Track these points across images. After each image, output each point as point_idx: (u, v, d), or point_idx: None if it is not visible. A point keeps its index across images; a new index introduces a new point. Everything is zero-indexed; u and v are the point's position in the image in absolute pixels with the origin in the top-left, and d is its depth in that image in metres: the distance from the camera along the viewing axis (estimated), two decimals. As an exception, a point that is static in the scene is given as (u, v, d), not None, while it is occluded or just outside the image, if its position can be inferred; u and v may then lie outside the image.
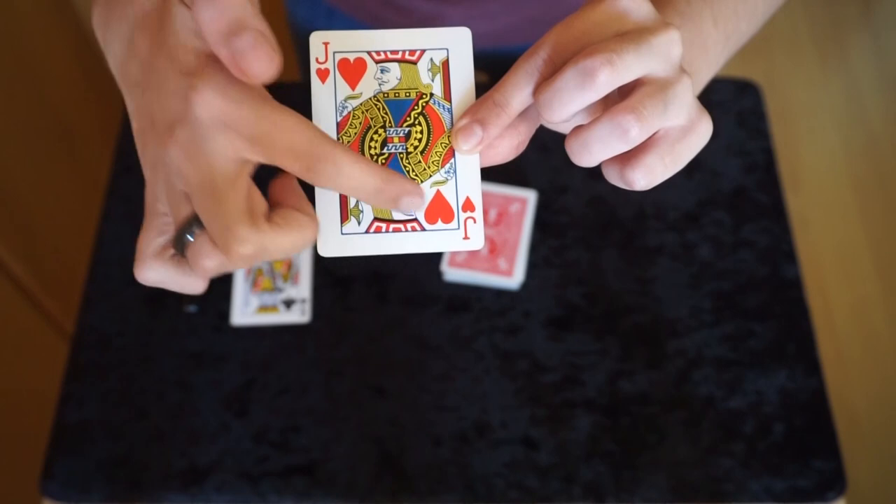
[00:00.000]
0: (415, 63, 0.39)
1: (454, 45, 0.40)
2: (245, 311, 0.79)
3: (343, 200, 0.38)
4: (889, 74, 1.97)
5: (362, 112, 0.39)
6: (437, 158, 0.39)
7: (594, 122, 0.36)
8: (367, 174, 0.34)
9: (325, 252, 0.38)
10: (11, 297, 1.17)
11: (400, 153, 0.39)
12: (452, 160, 0.39)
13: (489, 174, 0.83)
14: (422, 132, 0.39)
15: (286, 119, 0.33)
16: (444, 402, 0.75)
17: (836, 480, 0.71)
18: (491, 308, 0.79)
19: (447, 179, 0.39)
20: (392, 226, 0.38)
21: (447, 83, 0.39)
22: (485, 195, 0.81)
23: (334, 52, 0.39)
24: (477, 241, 0.39)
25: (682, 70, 0.38)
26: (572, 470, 0.72)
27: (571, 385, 0.75)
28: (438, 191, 0.39)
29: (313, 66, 0.39)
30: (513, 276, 0.77)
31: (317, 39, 0.39)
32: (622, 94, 0.37)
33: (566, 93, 0.36)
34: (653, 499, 0.70)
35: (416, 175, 0.39)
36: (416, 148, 0.39)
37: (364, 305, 0.79)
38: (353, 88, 0.39)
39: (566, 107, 0.36)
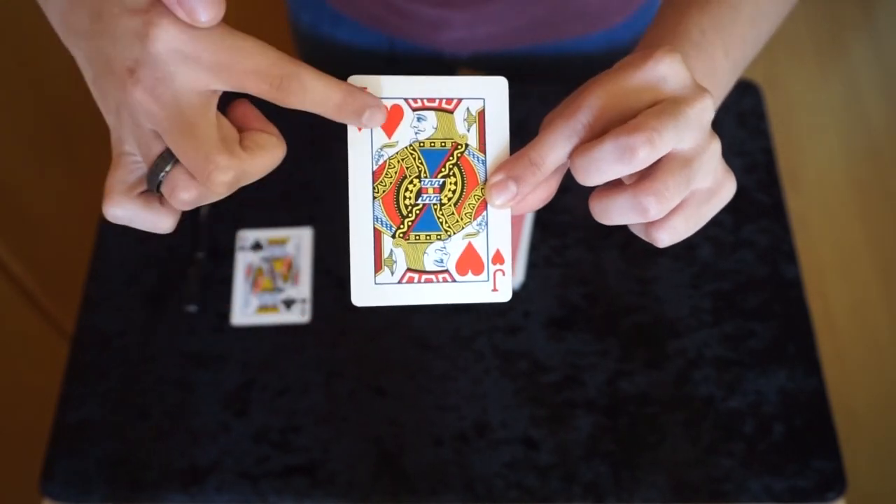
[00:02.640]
0: (451, 112, 0.39)
1: (491, 94, 0.40)
2: (245, 311, 0.79)
3: (377, 252, 0.39)
4: (889, 74, 1.97)
5: (398, 161, 0.39)
6: (470, 210, 0.39)
7: (618, 194, 0.38)
8: (330, 89, 0.36)
9: (358, 302, 0.39)
10: (11, 297, 1.17)
11: (434, 204, 0.39)
12: (484, 213, 0.39)
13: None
14: (456, 183, 0.39)
15: (247, 44, 0.35)
16: (444, 402, 0.75)
17: (835, 480, 0.71)
18: (491, 308, 0.79)
19: (479, 232, 0.39)
20: (424, 276, 0.39)
21: (482, 134, 0.40)
22: None
23: None
24: (505, 294, 0.39)
25: (712, 134, 0.39)
26: (572, 470, 0.72)
27: (571, 385, 0.75)
28: (470, 243, 0.39)
29: None
30: (513, 276, 0.77)
31: (355, 84, 0.39)
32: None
33: (604, 164, 0.37)
34: (653, 499, 0.70)
35: (449, 227, 0.39)
36: (449, 199, 0.39)
37: (364, 305, 0.79)
38: (389, 136, 0.39)
39: (602, 176, 0.37)
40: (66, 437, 0.74)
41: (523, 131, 0.91)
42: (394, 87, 0.39)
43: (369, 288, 0.39)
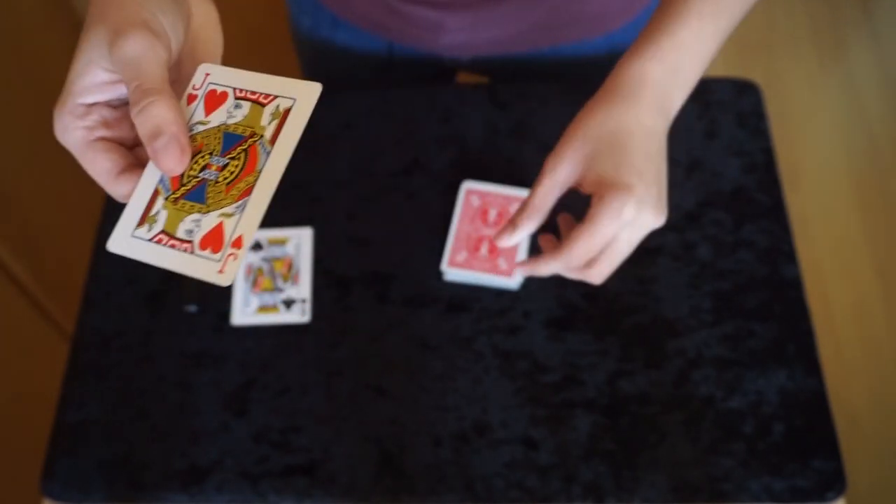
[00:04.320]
0: (264, 105, 0.42)
1: (302, 97, 0.42)
2: (245, 311, 0.79)
3: (148, 208, 0.42)
4: (889, 74, 1.97)
5: (202, 137, 0.42)
6: (236, 193, 0.41)
7: (542, 265, 0.59)
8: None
9: (111, 248, 0.42)
10: (11, 297, 1.18)
11: (210, 180, 0.41)
12: (246, 199, 0.40)
13: (489, 174, 0.83)
14: (237, 167, 0.41)
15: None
16: (444, 402, 0.75)
17: (835, 480, 0.71)
18: (491, 308, 0.79)
19: (233, 214, 0.40)
20: (171, 241, 0.41)
21: (279, 130, 0.41)
22: (486, 195, 0.81)
23: (209, 83, 0.43)
24: (227, 278, 0.40)
25: (646, 215, 0.56)
26: (572, 470, 0.72)
27: (571, 385, 0.75)
28: (221, 222, 0.40)
29: (188, 90, 0.43)
30: (512, 277, 0.77)
31: (201, 70, 0.44)
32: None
33: (546, 271, 0.59)
34: (653, 499, 0.70)
35: (213, 203, 0.41)
36: (224, 179, 0.41)
37: (364, 305, 0.79)
38: (206, 115, 0.43)
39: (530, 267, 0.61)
40: (66, 437, 0.74)
41: (523, 130, 0.91)
42: (231, 78, 0.43)
43: (126, 238, 0.42)
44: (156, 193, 0.42)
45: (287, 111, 0.41)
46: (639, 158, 0.55)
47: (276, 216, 0.83)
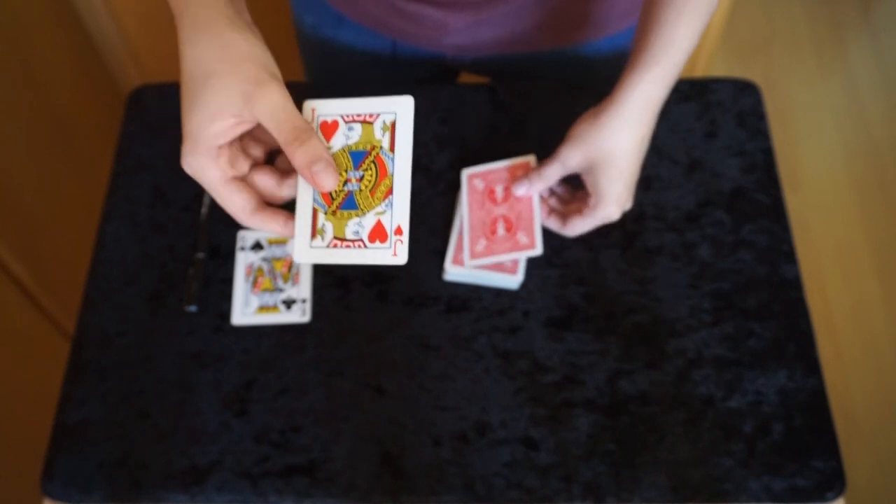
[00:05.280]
0: (372, 123, 0.52)
1: (401, 110, 0.52)
2: (245, 311, 0.79)
3: (314, 224, 0.52)
4: (889, 74, 1.97)
5: (334, 160, 0.52)
6: (380, 195, 0.51)
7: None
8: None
9: (298, 259, 0.52)
10: (11, 297, 1.18)
11: (355, 190, 0.52)
12: (390, 197, 0.51)
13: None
14: (372, 175, 0.51)
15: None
16: (444, 402, 0.75)
17: (835, 480, 0.71)
18: (491, 308, 0.79)
19: (385, 211, 0.51)
20: (344, 243, 0.51)
21: (392, 139, 0.51)
22: (487, 174, 0.80)
23: (318, 116, 0.53)
24: (402, 258, 0.50)
25: (614, 205, 0.72)
26: (572, 470, 0.72)
27: (571, 385, 0.75)
28: (379, 219, 0.51)
29: None
30: (535, 248, 0.75)
31: (308, 106, 0.53)
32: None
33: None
34: (652, 499, 0.70)
35: (365, 207, 0.51)
36: (366, 187, 0.51)
37: (364, 305, 0.79)
38: (328, 141, 0.53)
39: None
40: (66, 437, 0.74)
41: (523, 130, 0.90)
42: (334, 108, 0.53)
43: (307, 249, 0.52)
44: (315, 211, 0.52)
45: (393, 123, 0.52)
46: (624, 174, 0.70)
47: (276, 216, 0.83)
